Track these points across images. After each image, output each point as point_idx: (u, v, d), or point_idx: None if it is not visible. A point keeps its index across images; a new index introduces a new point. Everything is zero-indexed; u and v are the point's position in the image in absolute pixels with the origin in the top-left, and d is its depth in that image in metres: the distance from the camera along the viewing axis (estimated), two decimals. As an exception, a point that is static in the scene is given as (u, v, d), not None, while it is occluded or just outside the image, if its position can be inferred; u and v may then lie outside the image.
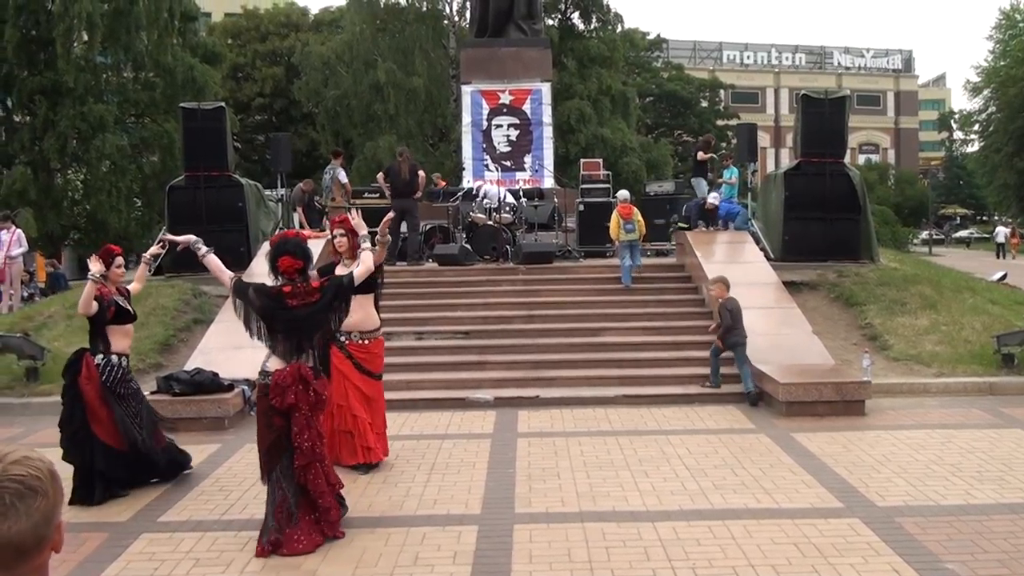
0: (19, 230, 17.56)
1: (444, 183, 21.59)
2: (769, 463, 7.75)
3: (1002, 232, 46.88)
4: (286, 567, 5.61)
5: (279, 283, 6.05)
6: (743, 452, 8.12)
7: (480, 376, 11.34)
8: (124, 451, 7.30)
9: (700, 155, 17.49)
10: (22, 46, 24.89)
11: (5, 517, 1.66)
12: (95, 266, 7.47)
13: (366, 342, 7.63)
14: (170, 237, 7.56)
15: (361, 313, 7.37)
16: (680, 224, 15.93)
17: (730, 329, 10.59)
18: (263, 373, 6.04)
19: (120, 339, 7.53)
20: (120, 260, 7.67)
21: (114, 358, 7.44)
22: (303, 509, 5.97)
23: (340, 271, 7.11)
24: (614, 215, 14.33)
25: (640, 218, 14.35)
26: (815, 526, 6.09)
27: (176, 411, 9.40)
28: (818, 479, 7.21)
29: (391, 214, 8.40)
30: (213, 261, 6.51)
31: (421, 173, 16.46)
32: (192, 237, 7.04)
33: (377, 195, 18.12)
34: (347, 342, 7.50)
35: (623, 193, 15.08)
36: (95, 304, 7.27)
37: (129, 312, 7.65)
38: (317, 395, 5.99)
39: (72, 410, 7.42)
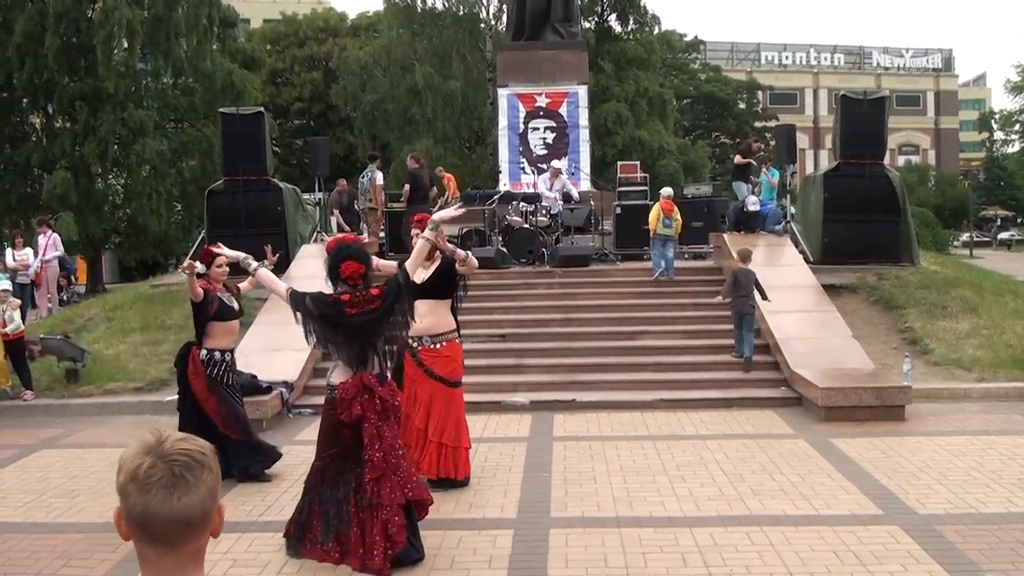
0: (55, 234, 17.78)
1: (448, 176, 21.15)
2: (808, 468, 7.68)
3: None
4: (323, 569, 5.63)
5: (338, 291, 5.78)
6: (781, 457, 8.06)
7: (516, 379, 11.34)
8: (233, 439, 7.61)
9: (738, 159, 17.39)
10: (63, 53, 25.21)
11: (175, 488, 1.67)
12: (198, 265, 7.79)
13: (437, 346, 7.15)
14: (225, 251, 7.58)
15: (432, 318, 7.05)
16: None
17: (733, 295, 11.40)
18: (329, 387, 5.82)
19: (221, 336, 7.80)
20: (221, 260, 7.76)
21: (216, 354, 7.73)
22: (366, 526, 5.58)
23: (416, 276, 6.55)
24: (655, 208, 14.70)
25: (678, 216, 14.69)
26: (854, 533, 6.03)
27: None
28: (857, 485, 7.14)
29: (455, 211, 7.79)
30: (266, 275, 6.37)
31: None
32: (240, 254, 7.11)
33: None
34: (418, 348, 7.13)
35: (667, 189, 15.40)
36: (200, 292, 7.59)
37: (233, 310, 7.90)
38: (383, 403, 5.68)
39: (184, 400, 7.85)
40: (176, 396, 8.24)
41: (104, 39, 24.60)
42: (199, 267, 7.75)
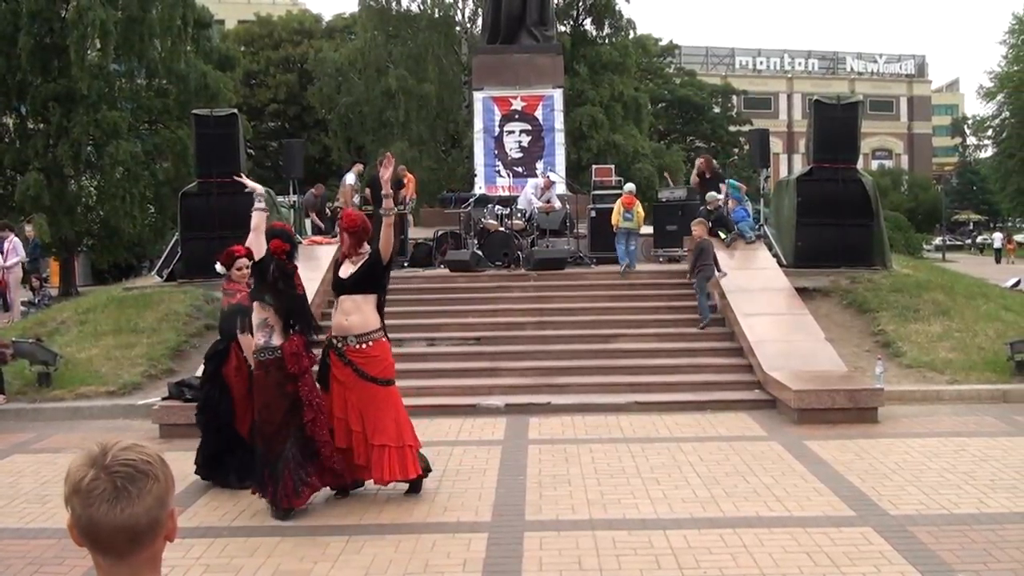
0: (16, 238, 17.51)
1: (409, 177, 21.02)
2: (781, 471, 7.71)
3: (998, 238, 50.37)
4: (296, 575, 5.61)
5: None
6: (755, 460, 8.09)
7: (491, 382, 11.33)
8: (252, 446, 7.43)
9: (694, 179, 17.48)
10: (35, 53, 24.97)
11: (117, 500, 1.66)
12: (218, 266, 7.98)
13: (363, 346, 6.88)
14: (246, 181, 8.25)
15: (358, 315, 6.88)
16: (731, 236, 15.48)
17: (696, 263, 12.84)
18: (269, 349, 6.72)
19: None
20: (243, 261, 7.69)
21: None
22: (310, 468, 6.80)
23: (343, 270, 7.03)
24: (617, 203, 15.24)
25: (640, 210, 15.28)
26: (827, 535, 6.06)
27: (188, 417, 9.37)
28: (830, 487, 7.17)
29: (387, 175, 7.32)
30: (257, 218, 7.16)
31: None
32: (259, 187, 7.84)
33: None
34: (343, 348, 6.90)
35: (629, 185, 15.89)
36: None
37: None
38: (311, 359, 6.92)
39: (216, 399, 7.64)
40: (155, 399, 8.15)
41: (77, 39, 24.39)
42: (219, 268, 7.75)
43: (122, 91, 28.26)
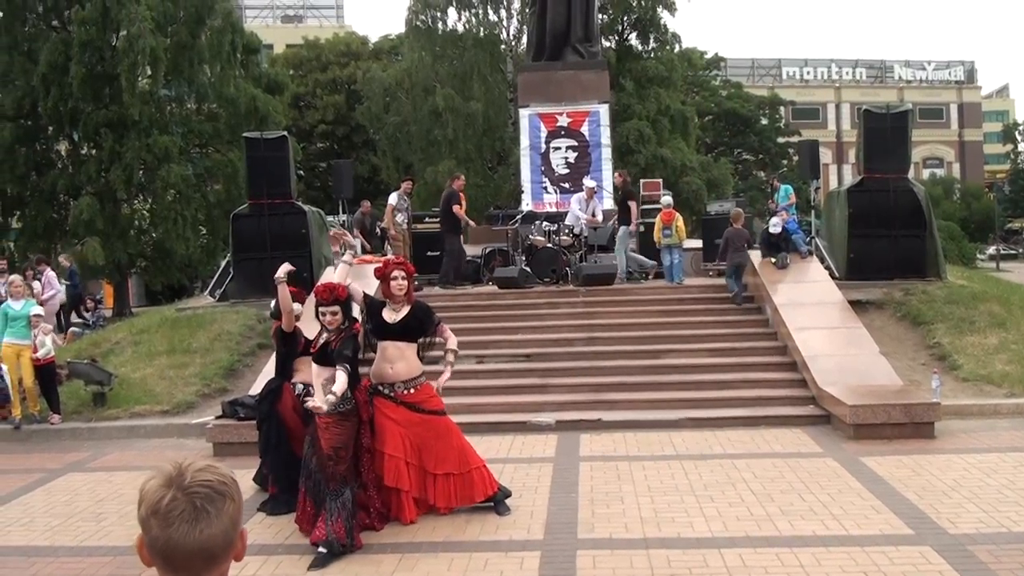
0: (50, 272, 17.85)
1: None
2: (837, 488, 7.60)
3: None
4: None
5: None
6: (811, 476, 7.99)
7: (541, 399, 11.31)
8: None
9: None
10: (87, 82, 25.48)
11: (197, 521, 1.68)
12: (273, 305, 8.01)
13: (412, 391, 7.00)
14: (349, 239, 8.11)
15: (403, 363, 6.95)
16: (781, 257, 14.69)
17: (730, 251, 13.86)
18: (346, 400, 6.53)
19: (306, 369, 7.57)
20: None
21: (299, 387, 7.64)
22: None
23: (387, 314, 6.99)
24: (657, 219, 15.54)
25: (680, 224, 15.45)
26: (885, 554, 5.96)
27: (241, 435, 9.53)
28: (888, 504, 7.06)
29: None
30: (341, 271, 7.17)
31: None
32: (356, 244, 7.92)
33: (438, 220, 18.37)
34: (393, 393, 6.96)
35: (666, 199, 15.99)
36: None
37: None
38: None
39: (276, 435, 7.74)
40: (208, 418, 8.26)
41: (128, 67, 24.86)
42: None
43: (173, 116, 28.78)
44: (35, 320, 11.51)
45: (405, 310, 7.00)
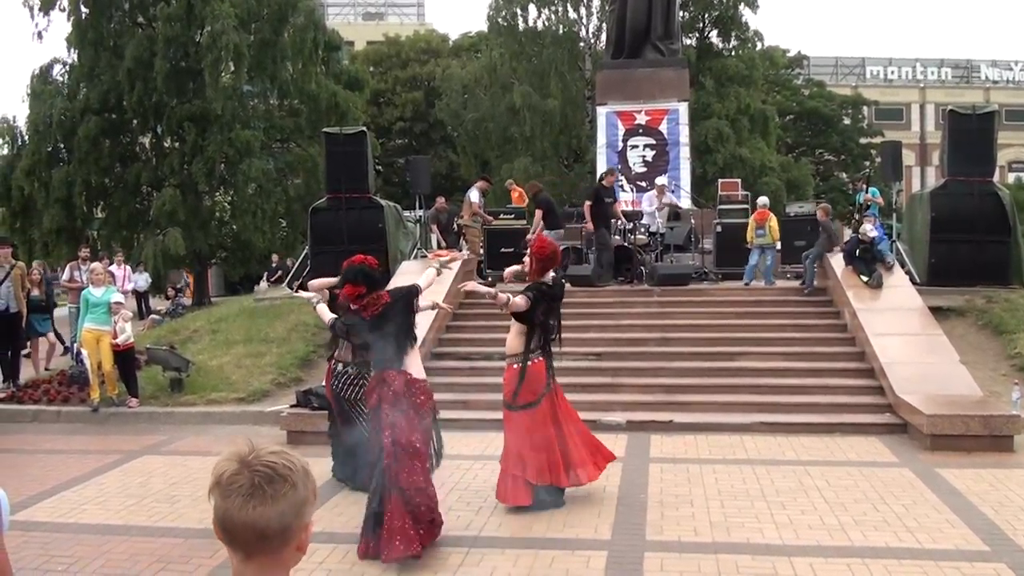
0: (128, 267, 18.38)
1: (516, 189, 21.54)
2: (912, 499, 7.42)
3: None
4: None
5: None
6: (885, 487, 7.80)
7: (612, 399, 11.26)
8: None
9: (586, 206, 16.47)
10: (171, 77, 26.04)
11: (251, 496, 1.72)
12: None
13: (504, 366, 7.51)
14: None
15: (509, 338, 7.39)
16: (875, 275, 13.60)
17: (822, 237, 14.50)
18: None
19: (346, 350, 8.13)
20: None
21: (339, 366, 8.11)
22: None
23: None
24: (751, 219, 15.61)
25: (774, 224, 15.34)
26: (959, 570, 5.80)
27: (315, 425, 9.65)
28: (963, 519, 6.86)
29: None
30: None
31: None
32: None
33: (512, 215, 18.48)
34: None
35: (763, 199, 15.97)
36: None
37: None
38: (395, 393, 6.38)
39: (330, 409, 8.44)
40: (283, 407, 8.53)
41: (212, 63, 25.31)
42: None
43: (255, 111, 29.24)
44: (115, 307, 11.82)
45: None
